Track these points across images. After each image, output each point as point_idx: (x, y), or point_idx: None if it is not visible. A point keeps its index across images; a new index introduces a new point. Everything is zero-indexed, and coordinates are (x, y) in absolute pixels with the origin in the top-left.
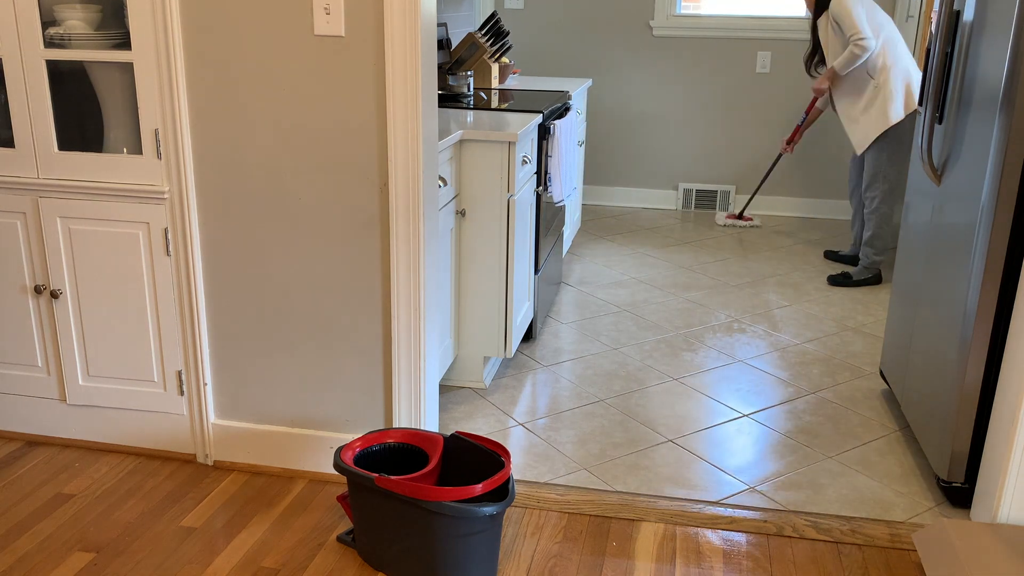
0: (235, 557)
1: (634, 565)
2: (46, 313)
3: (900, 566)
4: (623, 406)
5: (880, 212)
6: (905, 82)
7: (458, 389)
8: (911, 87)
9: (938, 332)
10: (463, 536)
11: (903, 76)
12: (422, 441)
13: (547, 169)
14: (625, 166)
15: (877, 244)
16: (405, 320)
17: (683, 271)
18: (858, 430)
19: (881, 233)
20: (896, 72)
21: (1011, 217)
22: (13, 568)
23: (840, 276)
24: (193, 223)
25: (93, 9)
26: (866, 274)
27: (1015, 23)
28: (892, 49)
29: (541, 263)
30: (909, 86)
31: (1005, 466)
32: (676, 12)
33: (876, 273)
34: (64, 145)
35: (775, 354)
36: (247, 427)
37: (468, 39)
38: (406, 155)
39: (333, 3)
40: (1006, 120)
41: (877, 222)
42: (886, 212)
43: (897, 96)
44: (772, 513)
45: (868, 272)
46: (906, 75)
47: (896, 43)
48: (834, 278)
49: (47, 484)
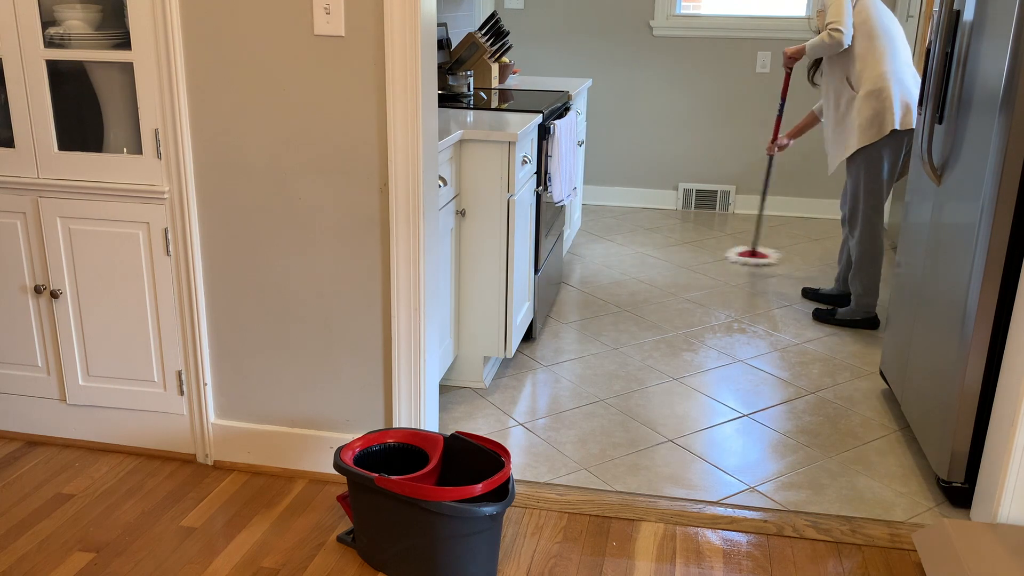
0: (235, 557)
1: (634, 565)
2: (46, 313)
3: (900, 566)
4: (623, 406)
5: (862, 246)
6: (902, 99)
7: (458, 389)
8: (909, 105)
9: (938, 332)
10: (463, 536)
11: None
12: (422, 441)
13: (547, 169)
14: (625, 166)
15: (858, 283)
16: (405, 320)
17: (683, 271)
18: (858, 430)
19: (866, 268)
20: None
21: (1011, 217)
22: (13, 568)
23: (826, 312)
24: (193, 223)
25: (93, 9)
26: (852, 315)
27: (1015, 23)
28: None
29: (541, 263)
30: (906, 103)
31: (1005, 466)
32: (676, 12)
33: (867, 317)
34: (64, 145)
35: (775, 354)
36: (247, 427)
37: (468, 39)
38: (406, 155)
39: (333, 3)
40: (1006, 120)
41: (858, 256)
42: (869, 246)
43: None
44: (772, 513)
45: (854, 315)
46: (902, 91)
47: (895, 56)
48: (820, 312)
49: (47, 484)
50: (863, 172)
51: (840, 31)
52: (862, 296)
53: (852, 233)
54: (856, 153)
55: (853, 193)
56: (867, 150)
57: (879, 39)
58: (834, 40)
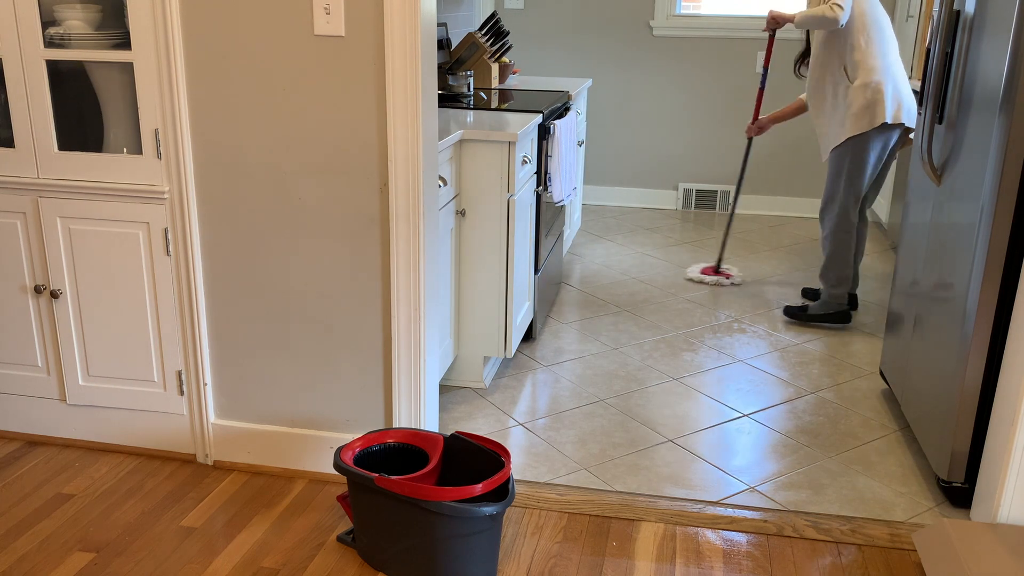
0: (235, 557)
1: (634, 565)
2: (46, 313)
3: (900, 566)
4: (623, 406)
5: (837, 237)
6: (894, 95)
7: (458, 389)
8: (900, 100)
9: (938, 332)
10: (463, 536)
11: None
12: (422, 441)
13: (547, 169)
14: (625, 166)
15: (832, 274)
16: (405, 320)
17: (683, 271)
18: (858, 430)
19: (838, 260)
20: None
21: (1011, 217)
22: (13, 568)
23: (798, 308)
24: (193, 223)
25: (93, 9)
26: (824, 309)
27: (1015, 23)
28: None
29: (541, 263)
30: (897, 99)
31: (1005, 466)
32: (676, 12)
33: (839, 311)
34: (64, 145)
35: (775, 354)
36: (247, 427)
37: (468, 39)
38: (406, 155)
39: (333, 3)
40: (1006, 120)
41: (832, 248)
42: (844, 237)
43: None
44: (772, 513)
45: (827, 308)
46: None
47: (889, 51)
48: (790, 309)
49: (47, 484)
50: (848, 161)
51: (841, 7)
52: (835, 288)
53: (824, 224)
54: (844, 142)
55: (832, 182)
56: (856, 140)
57: (876, 33)
58: (833, 15)
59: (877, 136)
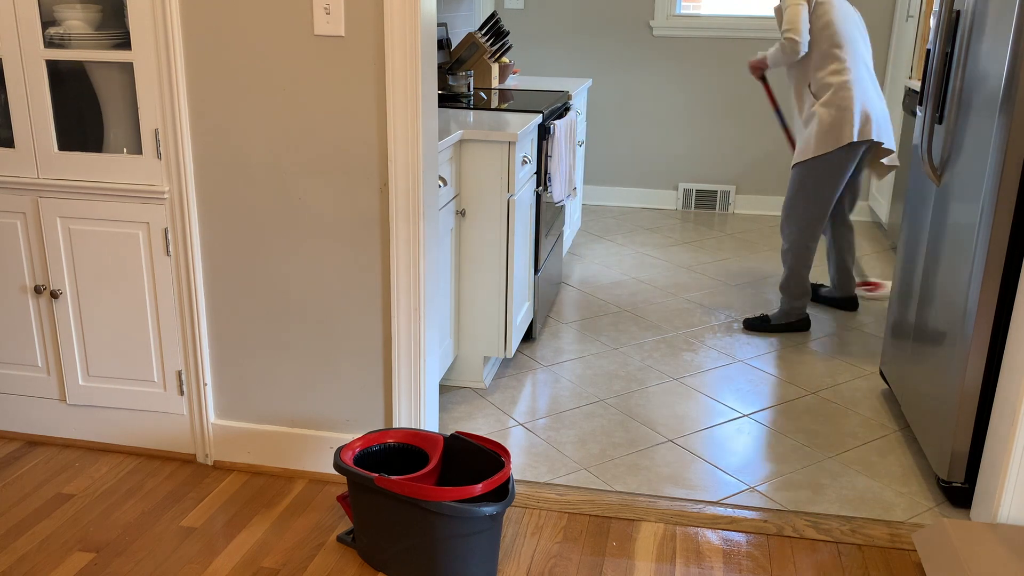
0: (235, 557)
1: (634, 565)
2: (46, 313)
3: (900, 566)
4: (623, 406)
5: (796, 252)
6: (862, 109)
7: (458, 389)
8: (869, 114)
9: (938, 332)
10: (463, 536)
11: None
12: (422, 441)
13: (547, 169)
14: (625, 166)
15: (793, 287)
16: (405, 320)
17: (683, 271)
18: (858, 430)
19: (798, 274)
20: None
21: (1011, 216)
22: (13, 568)
23: (757, 319)
24: (193, 223)
25: (93, 9)
26: (785, 319)
27: (1015, 23)
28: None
29: (541, 263)
30: (866, 113)
31: (1005, 466)
32: (676, 12)
33: (800, 319)
34: (64, 145)
35: (775, 354)
36: (247, 427)
37: (468, 39)
38: (406, 155)
39: (333, 3)
40: (1006, 120)
41: (792, 262)
42: (803, 253)
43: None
44: (772, 513)
45: (788, 317)
46: (863, 100)
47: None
48: (750, 321)
49: (47, 484)
50: (811, 181)
51: (795, 39)
52: (796, 301)
53: (784, 237)
54: (807, 160)
55: (792, 196)
56: (820, 160)
57: (841, 47)
58: (792, 48)
59: (843, 155)
